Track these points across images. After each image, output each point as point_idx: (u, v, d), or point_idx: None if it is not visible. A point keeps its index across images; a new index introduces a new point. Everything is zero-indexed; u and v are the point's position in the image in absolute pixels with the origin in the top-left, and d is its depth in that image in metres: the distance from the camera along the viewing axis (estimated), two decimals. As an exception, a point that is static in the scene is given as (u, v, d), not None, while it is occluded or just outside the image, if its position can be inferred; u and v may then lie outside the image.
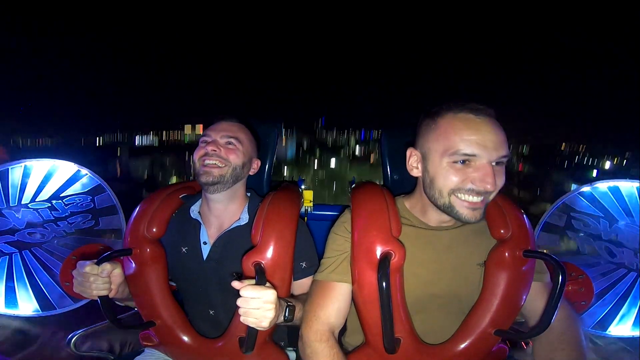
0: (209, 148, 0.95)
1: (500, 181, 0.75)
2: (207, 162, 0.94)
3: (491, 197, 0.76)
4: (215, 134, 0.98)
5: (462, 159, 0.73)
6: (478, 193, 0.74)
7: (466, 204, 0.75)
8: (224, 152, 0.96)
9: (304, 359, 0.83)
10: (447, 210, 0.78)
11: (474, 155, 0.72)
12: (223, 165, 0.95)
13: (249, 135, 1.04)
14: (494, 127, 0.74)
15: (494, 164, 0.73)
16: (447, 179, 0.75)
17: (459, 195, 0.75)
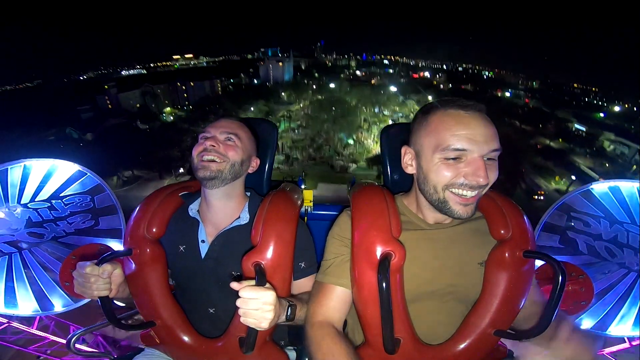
0: (208, 143, 0.95)
1: (493, 175, 0.76)
2: (205, 157, 0.94)
3: (484, 192, 0.78)
4: (214, 130, 0.98)
5: (453, 155, 0.75)
6: (471, 187, 0.75)
7: (459, 199, 0.76)
8: (222, 148, 0.96)
9: (309, 352, 0.84)
10: (441, 206, 0.79)
11: (464, 150, 0.74)
12: (221, 160, 0.95)
13: (248, 133, 1.04)
14: (483, 121, 0.75)
15: (485, 158, 0.74)
16: (439, 174, 0.77)
17: (453, 190, 0.76)
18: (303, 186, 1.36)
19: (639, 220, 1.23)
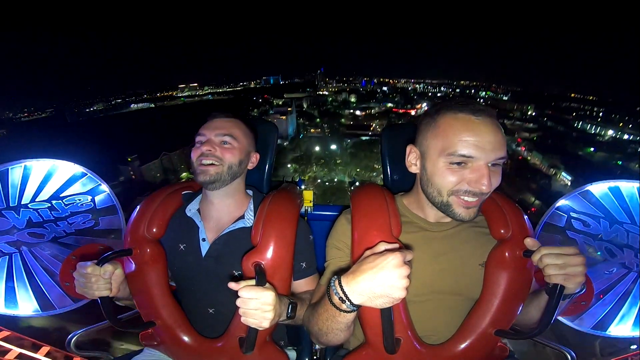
0: (204, 148, 0.96)
1: (496, 181, 0.76)
2: (203, 161, 0.95)
3: (486, 197, 0.78)
4: (209, 133, 0.98)
5: (458, 161, 0.75)
6: (474, 194, 0.76)
7: (463, 202, 0.77)
8: (219, 151, 0.97)
9: (315, 340, 0.84)
10: (444, 208, 0.80)
11: (471, 157, 0.74)
12: (219, 163, 0.96)
13: (244, 129, 1.04)
14: (493, 128, 0.74)
15: (490, 165, 0.75)
16: (444, 179, 0.77)
17: (457, 195, 0.77)
18: (303, 186, 1.36)
19: (639, 221, 1.23)
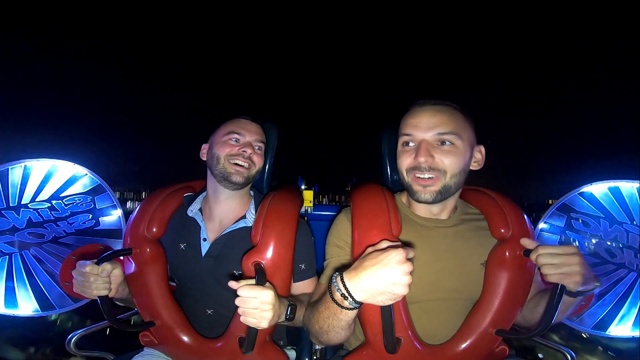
0: (248, 151, 0.97)
1: (447, 160, 0.81)
2: (239, 162, 0.97)
3: (447, 178, 0.81)
4: (249, 136, 1.00)
5: (404, 140, 0.85)
6: (420, 169, 0.81)
7: (418, 180, 0.82)
8: (254, 156, 1.00)
9: (314, 339, 0.85)
10: (409, 191, 0.86)
11: (410, 135, 0.84)
12: (249, 166, 0.98)
13: (264, 136, 1.08)
14: (431, 112, 0.83)
15: (437, 144, 0.81)
16: (400, 159, 0.86)
17: (414, 173, 0.83)
18: (303, 186, 1.36)
19: (639, 221, 1.23)
